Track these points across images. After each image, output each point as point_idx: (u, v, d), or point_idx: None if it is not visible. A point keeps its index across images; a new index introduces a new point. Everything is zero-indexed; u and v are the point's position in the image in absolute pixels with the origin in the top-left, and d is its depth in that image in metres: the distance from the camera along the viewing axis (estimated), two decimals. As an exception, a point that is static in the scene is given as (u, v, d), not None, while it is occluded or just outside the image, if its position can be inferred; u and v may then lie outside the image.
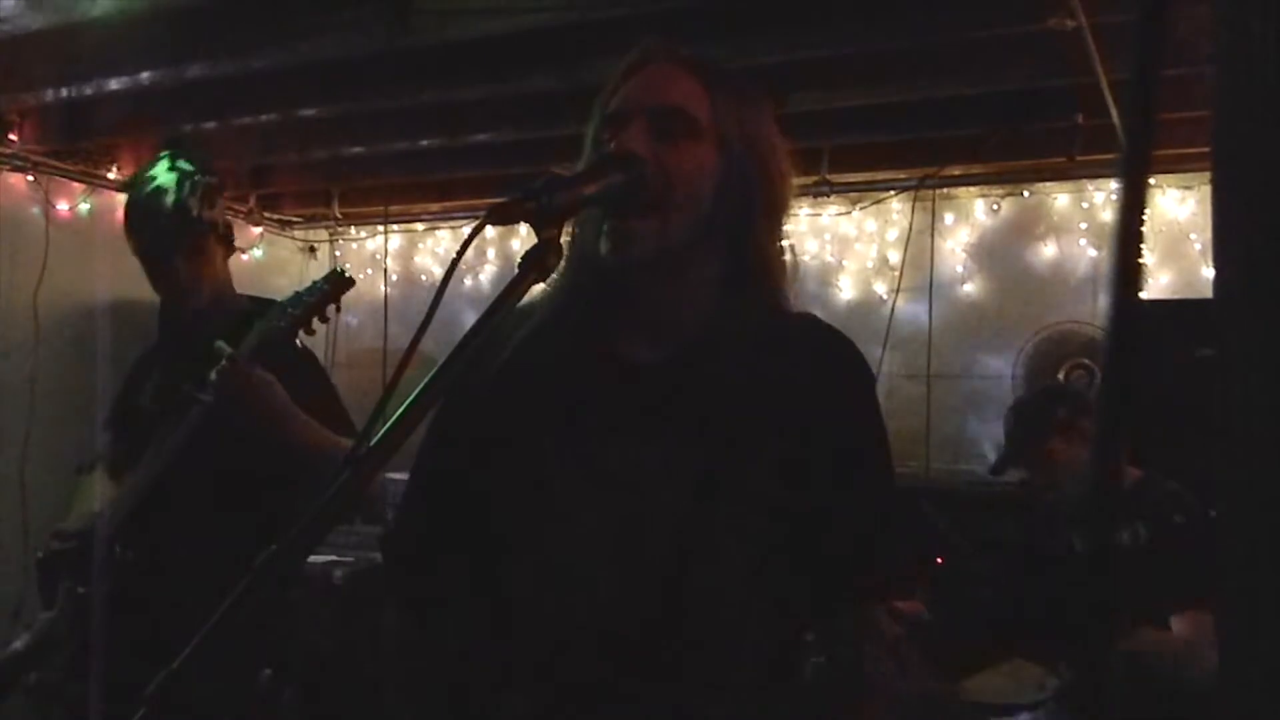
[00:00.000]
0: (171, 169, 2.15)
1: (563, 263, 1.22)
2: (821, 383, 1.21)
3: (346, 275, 1.94)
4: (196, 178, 2.15)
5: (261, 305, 2.05)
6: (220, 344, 1.91)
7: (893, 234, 4.64)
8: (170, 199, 2.12)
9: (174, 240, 2.13)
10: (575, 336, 1.23)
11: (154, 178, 2.15)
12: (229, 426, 1.93)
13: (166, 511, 2.05)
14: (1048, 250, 4.45)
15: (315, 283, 1.94)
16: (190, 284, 2.16)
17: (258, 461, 2.00)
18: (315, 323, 1.93)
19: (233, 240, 2.26)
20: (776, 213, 1.25)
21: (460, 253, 0.95)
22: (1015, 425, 2.84)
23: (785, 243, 1.29)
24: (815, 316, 1.31)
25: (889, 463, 1.28)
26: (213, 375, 1.89)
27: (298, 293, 1.93)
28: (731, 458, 1.15)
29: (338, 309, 1.94)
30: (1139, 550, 2.37)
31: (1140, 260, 0.50)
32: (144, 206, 2.16)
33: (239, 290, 2.27)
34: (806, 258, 4.59)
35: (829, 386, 1.22)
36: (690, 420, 1.17)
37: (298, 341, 1.98)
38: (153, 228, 2.14)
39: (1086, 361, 3.94)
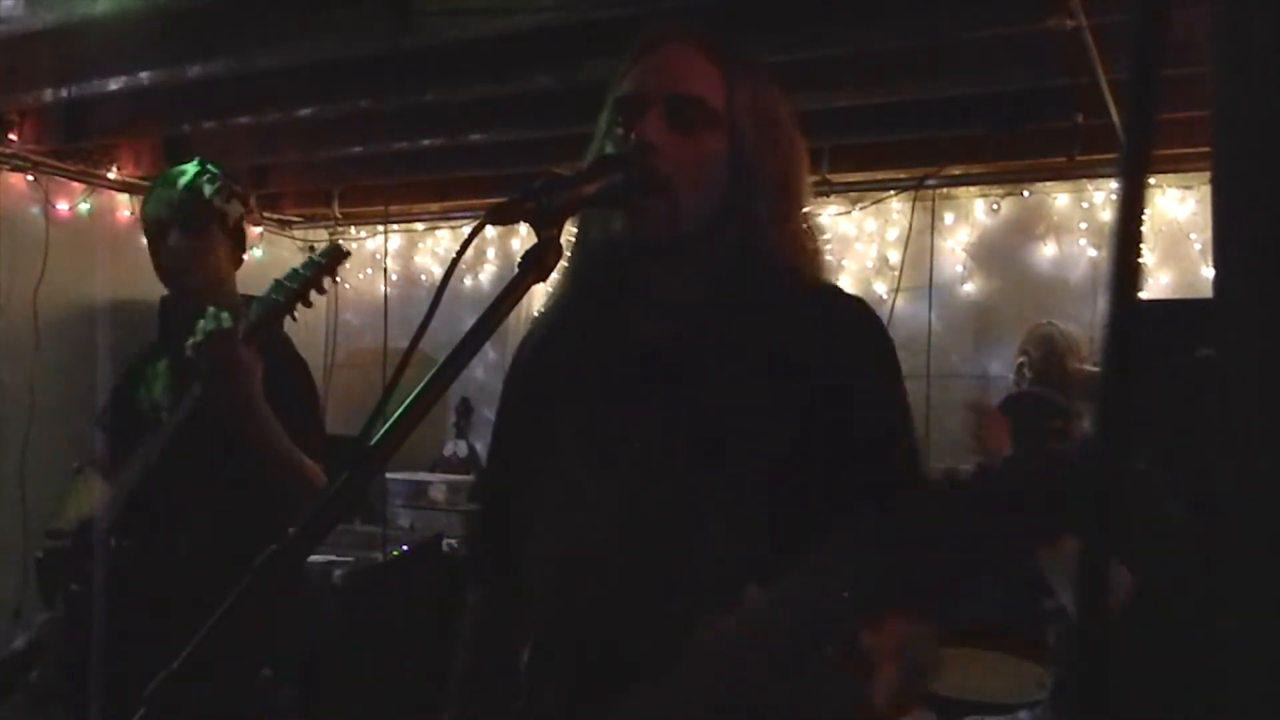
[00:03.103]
0: (199, 165, 2.23)
1: (574, 251, 1.25)
2: (831, 347, 1.19)
3: (343, 248, 1.96)
4: (221, 178, 2.21)
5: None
6: (212, 309, 1.91)
7: (893, 234, 4.64)
8: (186, 179, 2.19)
9: (177, 212, 2.16)
10: (588, 317, 1.26)
11: (183, 170, 2.23)
12: (211, 404, 1.93)
13: (163, 501, 2.06)
14: (1048, 250, 4.45)
15: (312, 257, 1.96)
16: (187, 263, 2.16)
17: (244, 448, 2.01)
18: (314, 295, 1.95)
19: (243, 241, 2.27)
20: (792, 194, 1.25)
21: (460, 253, 0.95)
22: (1012, 439, 2.82)
23: (811, 227, 1.27)
24: (835, 285, 1.29)
25: (907, 423, 1.23)
26: (199, 336, 1.87)
27: (295, 269, 1.94)
28: (736, 425, 1.15)
29: (334, 280, 1.96)
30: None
31: (1140, 260, 0.50)
32: (161, 183, 2.24)
33: (240, 290, 2.27)
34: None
35: (839, 350, 1.19)
36: (694, 389, 1.18)
37: (290, 347, 2.00)
38: (161, 198, 2.19)
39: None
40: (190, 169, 2.22)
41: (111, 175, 4.49)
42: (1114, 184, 4.14)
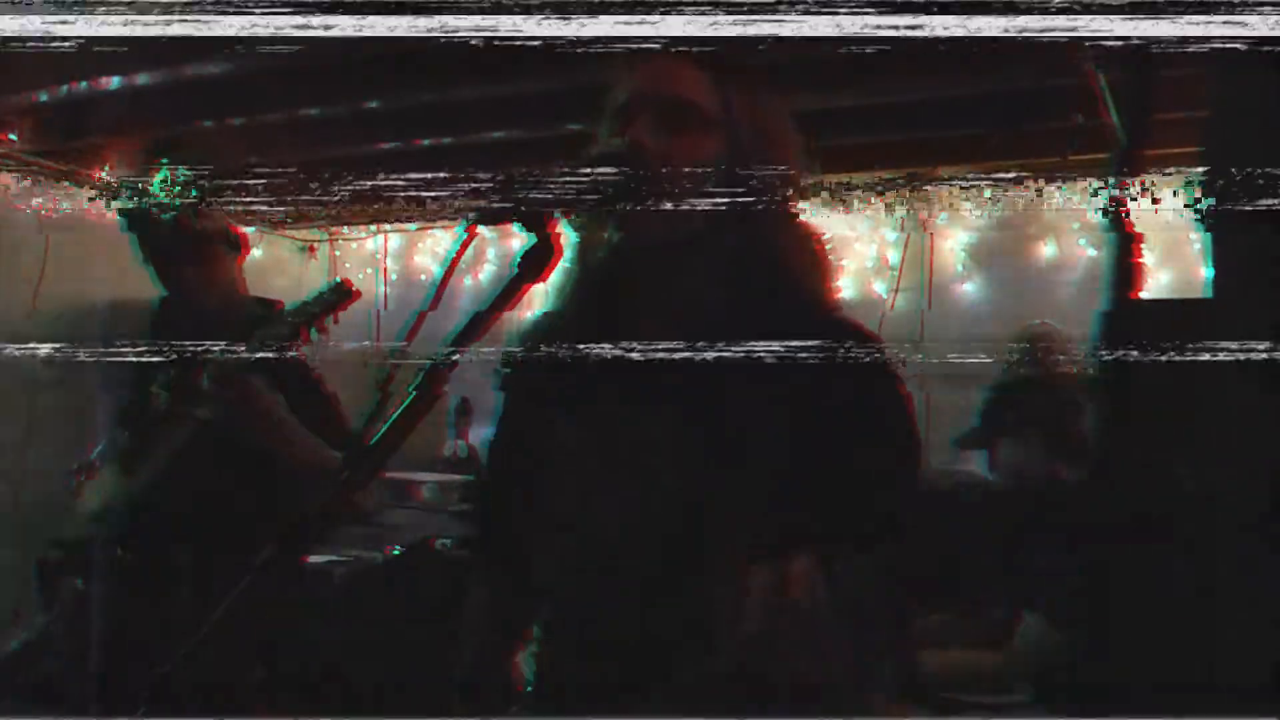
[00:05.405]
0: (166, 179, 2.16)
1: (576, 252, 1.25)
2: (840, 377, 1.19)
3: (353, 289, 1.96)
4: (191, 185, 2.16)
5: (267, 307, 2.06)
6: (214, 352, 1.94)
7: (891, 234, 4.64)
8: (169, 214, 2.13)
9: (176, 252, 2.14)
10: (594, 319, 1.25)
11: (150, 190, 2.16)
12: (228, 435, 1.95)
13: (166, 515, 2.05)
14: (1046, 250, 4.45)
15: (321, 292, 1.96)
16: (196, 290, 2.16)
17: (253, 466, 2.01)
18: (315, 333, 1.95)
19: (239, 244, 2.26)
20: (792, 196, 1.25)
21: (458, 255, 0.95)
22: (980, 415, 2.93)
23: (812, 229, 1.28)
24: (851, 320, 1.28)
25: (913, 459, 1.28)
26: (205, 385, 1.92)
27: (304, 301, 1.96)
28: (746, 431, 1.15)
29: (336, 320, 1.96)
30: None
31: (1140, 260, 0.50)
32: (141, 219, 2.17)
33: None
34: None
35: (849, 382, 1.20)
36: (702, 405, 1.17)
37: (307, 368, 2.01)
38: (153, 241, 2.15)
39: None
40: (161, 190, 2.15)
41: (109, 175, 4.48)
42: (1113, 184, 4.14)
